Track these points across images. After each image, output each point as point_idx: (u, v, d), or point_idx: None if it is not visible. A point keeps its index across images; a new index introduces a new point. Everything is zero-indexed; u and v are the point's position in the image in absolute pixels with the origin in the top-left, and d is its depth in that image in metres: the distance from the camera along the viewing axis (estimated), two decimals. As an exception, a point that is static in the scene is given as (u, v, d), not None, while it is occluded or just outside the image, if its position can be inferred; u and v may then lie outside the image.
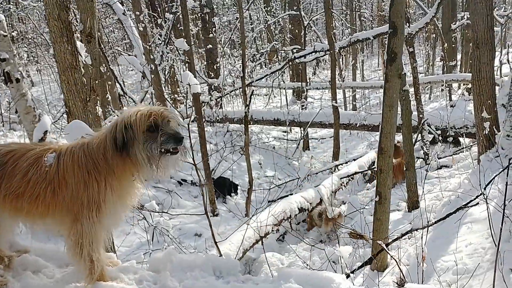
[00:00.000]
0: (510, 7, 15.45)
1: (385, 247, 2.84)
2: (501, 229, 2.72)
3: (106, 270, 2.48)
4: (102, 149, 2.34)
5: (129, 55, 14.48)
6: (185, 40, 7.61)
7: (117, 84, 12.53)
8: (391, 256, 2.71)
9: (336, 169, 9.05)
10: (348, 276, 3.23)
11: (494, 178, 3.81)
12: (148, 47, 9.88)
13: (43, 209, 2.38)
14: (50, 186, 2.36)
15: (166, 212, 4.04)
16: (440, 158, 8.30)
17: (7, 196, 2.38)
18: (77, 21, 5.18)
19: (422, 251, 2.62)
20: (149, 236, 5.55)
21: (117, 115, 2.60)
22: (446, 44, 13.89)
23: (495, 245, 3.52)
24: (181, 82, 3.14)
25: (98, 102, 4.49)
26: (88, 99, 3.76)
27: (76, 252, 2.34)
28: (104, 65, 12.95)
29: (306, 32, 14.49)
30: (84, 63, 4.17)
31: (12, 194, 2.37)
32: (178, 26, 13.01)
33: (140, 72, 5.20)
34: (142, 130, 2.27)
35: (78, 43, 4.24)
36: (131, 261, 2.79)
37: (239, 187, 8.90)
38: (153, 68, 9.77)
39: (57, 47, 3.49)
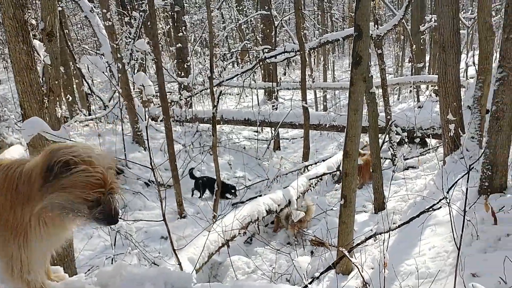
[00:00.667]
0: (476, 10, 15.76)
1: (347, 254, 2.81)
2: (461, 234, 2.72)
3: (48, 286, 2.33)
4: (32, 177, 2.08)
5: (96, 53, 14.20)
6: (149, 41, 7.49)
7: (84, 82, 12.27)
8: (353, 263, 2.69)
9: (306, 169, 9.05)
10: (311, 282, 3.20)
11: (456, 181, 3.84)
12: (115, 45, 9.67)
13: None
14: None
15: (124, 220, 3.91)
16: (407, 159, 8.39)
17: None
18: (37, 20, 5.00)
19: (384, 257, 2.60)
20: (112, 239, 5.40)
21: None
22: (414, 46, 14.09)
23: (457, 249, 3.55)
24: (133, 83, 3.02)
25: (58, 103, 4.34)
26: (44, 100, 3.61)
27: (8, 273, 2.18)
28: (71, 63, 12.69)
29: (278, 32, 14.46)
30: (43, 63, 4.02)
31: None
32: (148, 24, 12.81)
33: (103, 73, 5.02)
34: (82, 197, 1.98)
35: (37, 42, 4.09)
36: (79, 274, 2.66)
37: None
38: (121, 67, 9.58)
39: (12, 47, 3.35)
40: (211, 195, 8.36)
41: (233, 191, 8.63)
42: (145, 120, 2.85)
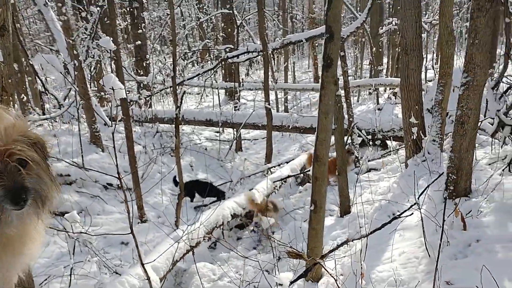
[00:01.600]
0: (433, 14, 16.21)
1: (322, 263, 2.72)
2: (440, 243, 2.68)
3: None
4: None
5: (51, 49, 13.61)
6: (111, 37, 7.17)
7: (38, 80, 11.71)
8: (330, 274, 2.61)
9: (269, 171, 8.98)
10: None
11: (427, 187, 3.83)
12: (71, 41, 9.26)
13: None
14: None
15: (85, 233, 3.69)
16: (369, 161, 8.46)
17: None
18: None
19: (361, 268, 2.53)
20: (70, 247, 5.12)
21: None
22: (374, 48, 14.31)
23: (428, 255, 3.53)
24: (103, 85, 2.84)
25: (11, 102, 4.05)
26: (-4, 100, 3.33)
27: None
28: (23, 59, 12.09)
29: (239, 31, 14.33)
30: (-6, 59, 3.73)
31: None
32: (106, 20, 12.38)
33: (60, 72, 4.74)
34: None
35: (-14, 38, 3.78)
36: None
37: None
38: (77, 64, 9.18)
39: (-41, 42, 3.06)
40: (202, 199, 8.17)
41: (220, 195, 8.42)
42: (109, 125, 2.64)
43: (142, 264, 3.01)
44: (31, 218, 1.79)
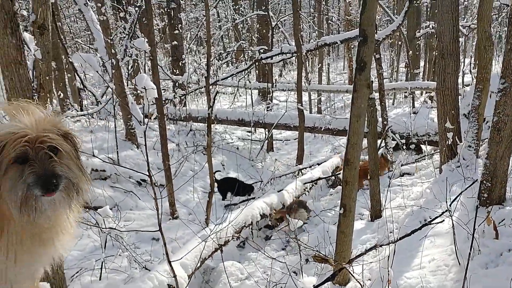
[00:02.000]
0: (471, 18, 15.81)
1: (348, 268, 2.71)
2: (470, 252, 2.63)
3: None
4: None
5: (90, 48, 14.00)
6: (146, 38, 7.35)
7: (77, 77, 12.06)
8: (356, 279, 2.60)
9: (300, 173, 8.96)
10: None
11: (460, 194, 3.75)
12: (109, 40, 9.50)
13: None
14: None
15: (114, 229, 3.79)
16: (403, 165, 8.33)
17: None
18: (28, 12, 4.84)
19: (388, 274, 2.51)
20: (102, 241, 5.26)
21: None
22: (411, 51, 14.08)
23: (458, 263, 3.47)
24: (135, 85, 2.91)
25: (48, 99, 4.19)
26: (34, 96, 3.46)
27: None
28: (63, 57, 12.48)
29: (274, 32, 14.36)
30: (34, 57, 3.87)
31: None
32: (144, 20, 12.64)
33: (97, 72, 4.89)
34: (9, 161, 1.69)
35: (27, 35, 3.93)
36: None
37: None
38: (115, 63, 9.41)
39: (0, 40, 3.19)
40: (233, 196, 8.28)
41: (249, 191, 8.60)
42: (142, 123, 2.71)
43: (169, 262, 3.08)
44: (63, 206, 1.85)
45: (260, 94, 17.62)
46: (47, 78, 4.11)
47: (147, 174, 2.84)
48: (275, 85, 14.03)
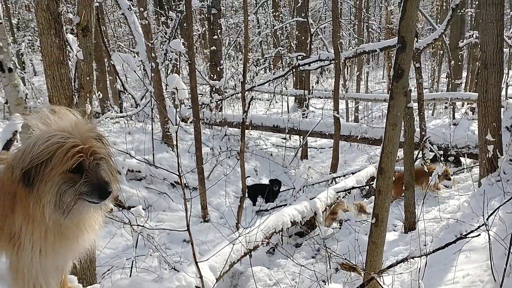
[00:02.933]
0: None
1: (378, 280, 2.65)
2: (505, 267, 2.52)
3: None
4: (11, 176, 1.84)
5: (131, 51, 14.33)
6: (183, 41, 7.45)
7: (118, 79, 12.38)
8: (384, 290, 2.53)
9: (334, 181, 8.86)
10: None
11: (498, 208, 3.61)
12: (150, 44, 9.71)
13: None
14: None
15: (143, 226, 3.84)
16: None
17: None
18: (72, 14, 4.98)
19: (419, 287, 2.43)
20: (134, 240, 5.35)
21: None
22: (453, 61, 13.73)
23: (494, 279, 3.33)
24: (166, 85, 2.95)
25: (88, 99, 4.30)
26: (74, 96, 3.56)
27: (14, 283, 1.98)
28: (106, 59, 12.83)
29: (313, 39, 14.31)
30: (76, 58, 3.99)
31: None
32: (184, 25, 12.85)
33: (135, 72, 5.01)
34: (62, 170, 1.77)
35: (70, 36, 4.06)
36: (94, 285, 2.55)
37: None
38: (154, 66, 9.61)
39: (44, 40, 3.30)
40: (264, 202, 8.33)
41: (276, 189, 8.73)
42: (176, 123, 2.73)
43: (196, 262, 3.09)
44: (96, 209, 1.94)
45: (297, 101, 17.57)
46: (87, 78, 4.22)
47: (178, 174, 2.86)
48: (311, 92, 13.96)
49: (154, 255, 5.01)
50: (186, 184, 8.50)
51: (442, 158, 8.95)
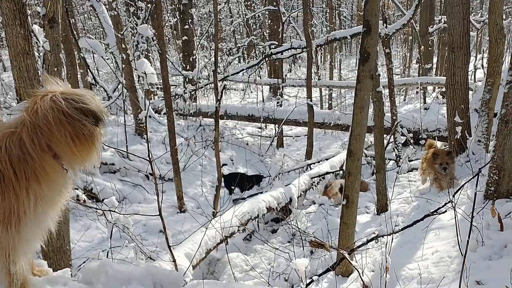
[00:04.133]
0: (486, 12, 15.60)
1: (347, 256, 2.72)
2: (468, 240, 2.62)
3: (29, 282, 2.14)
4: (24, 146, 1.89)
5: (101, 43, 14.10)
6: (157, 32, 7.37)
7: (88, 72, 12.18)
8: (353, 267, 2.60)
9: (309, 168, 8.95)
10: (310, 283, 3.11)
11: (463, 186, 3.72)
12: (120, 35, 9.58)
13: None
14: None
15: (115, 211, 3.82)
16: (412, 160, 8.27)
17: None
18: (39, 5, 4.89)
19: (386, 261, 2.51)
20: (109, 232, 5.32)
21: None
22: (422, 47, 13.94)
23: (461, 255, 3.44)
24: (135, 69, 2.94)
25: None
26: (41, 87, 3.51)
27: None
28: (76, 52, 12.59)
29: (285, 28, 14.33)
30: (43, 49, 3.94)
31: None
32: (155, 15, 12.69)
33: (102, 57, 4.93)
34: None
35: (36, 27, 3.99)
36: (64, 269, 2.55)
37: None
38: (125, 58, 9.49)
39: (9, 31, 3.24)
40: (239, 190, 8.31)
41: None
42: (146, 110, 2.74)
43: (169, 246, 3.11)
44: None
45: (271, 90, 17.61)
46: (55, 69, 4.17)
47: (148, 160, 2.87)
48: (285, 81, 14.01)
49: (130, 246, 5.00)
50: (161, 175, 8.48)
51: (411, 141, 9.13)
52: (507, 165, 4.54)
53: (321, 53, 22.22)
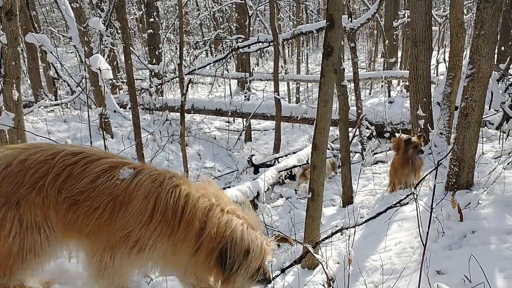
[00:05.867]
0: (448, 7, 15.96)
1: (311, 250, 2.73)
2: (427, 231, 2.67)
3: None
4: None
5: (64, 36, 13.74)
6: (121, 24, 7.18)
7: (51, 66, 11.84)
8: (317, 260, 2.62)
9: (276, 161, 8.98)
10: (275, 277, 3.11)
11: (424, 177, 3.80)
12: (83, 28, 9.35)
13: (93, 226, 2.12)
14: (112, 202, 2.11)
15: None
16: (376, 153, 8.41)
17: (66, 201, 2.08)
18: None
19: (349, 253, 2.54)
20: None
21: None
22: (387, 41, 14.16)
23: (423, 245, 3.52)
24: (88, 65, 2.86)
25: (15, 85, 4.11)
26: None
27: (95, 280, 2.18)
28: (38, 46, 12.22)
29: (252, 22, 14.29)
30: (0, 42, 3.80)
31: (72, 198, 2.09)
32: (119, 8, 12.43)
33: (51, 52, 4.75)
34: (257, 265, 2.25)
35: (-9, 20, 3.85)
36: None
37: None
38: (88, 51, 9.28)
39: (-40, 23, 3.11)
40: None
41: None
42: (101, 107, 2.67)
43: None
44: None
45: (239, 84, 17.57)
46: (13, 64, 4.04)
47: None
48: (253, 75, 14.00)
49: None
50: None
51: (373, 134, 9.27)
52: (466, 157, 4.66)
53: (288, 47, 22.28)
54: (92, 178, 2.10)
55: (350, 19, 8.11)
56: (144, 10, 15.16)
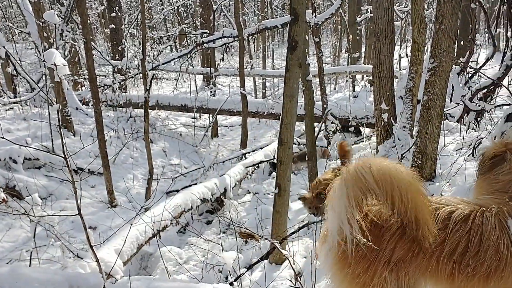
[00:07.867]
0: (409, 3, 16.27)
1: (278, 245, 2.72)
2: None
3: None
4: None
5: (22, 32, 13.30)
6: (81, 19, 6.97)
7: (10, 63, 11.42)
8: (285, 256, 2.62)
9: (244, 157, 8.96)
10: (243, 273, 3.09)
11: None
12: (41, 23, 9.04)
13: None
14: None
15: (29, 215, 3.59)
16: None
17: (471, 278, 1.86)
18: None
19: (315, 248, 2.53)
20: (32, 230, 5.03)
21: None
22: (351, 36, 14.32)
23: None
24: (44, 61, 2.76)
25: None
26: None
27: None
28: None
29: (216, 16, 14.18)
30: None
31: (478, 274, 1.85)
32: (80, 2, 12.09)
33: (3, 47, 4.54)
34: None
35: None
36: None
37: None
38: (48, 47, 8.97)
39: None
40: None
41: None
42: (59, 104, 2.57)
43: (91, 246, 2.97)
44: None
45: (205, 79, 17.42)
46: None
47: (63, 156, 2.70)
48: (218, 70, 13.90)
49: (56, 245, 4.76)
50: (90, 170, 8.14)
51: (338, 128, 9.36)
52: (429, 150, 4.76)
53: (254, 42, 22.26)
54: (495, 246, 1.89)
55: (314, 14, 8.15)
56: (106, 5, 14.82)
